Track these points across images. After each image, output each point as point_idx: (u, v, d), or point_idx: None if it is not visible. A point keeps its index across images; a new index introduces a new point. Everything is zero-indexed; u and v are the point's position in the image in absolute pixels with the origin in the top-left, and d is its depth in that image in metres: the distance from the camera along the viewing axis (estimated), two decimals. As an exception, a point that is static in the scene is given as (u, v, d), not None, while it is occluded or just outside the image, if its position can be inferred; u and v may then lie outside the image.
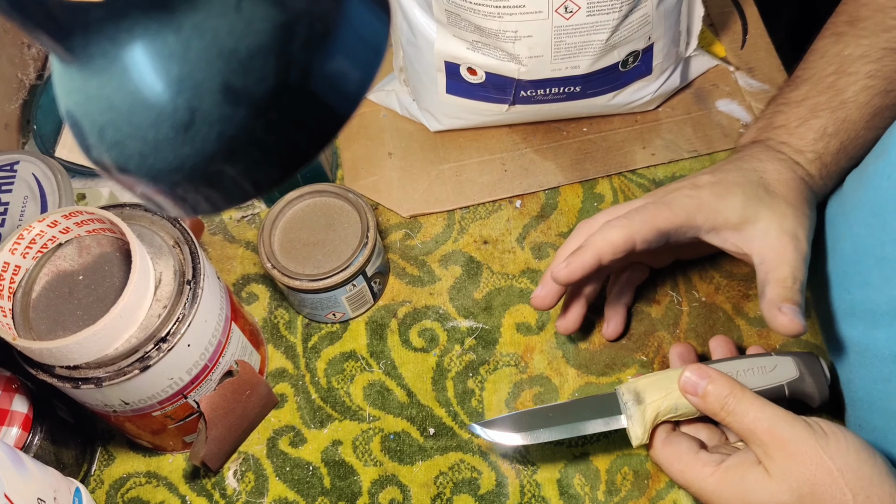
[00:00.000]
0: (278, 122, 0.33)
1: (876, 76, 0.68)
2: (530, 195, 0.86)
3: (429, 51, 0.81)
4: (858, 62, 0.69)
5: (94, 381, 0.61)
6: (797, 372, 0.66)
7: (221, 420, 0.71)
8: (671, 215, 0.66)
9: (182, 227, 0.68)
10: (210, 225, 0.87)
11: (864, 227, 0.64)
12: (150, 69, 0.32)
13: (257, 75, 0.32)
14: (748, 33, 0.94)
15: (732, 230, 0.66)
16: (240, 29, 0.31)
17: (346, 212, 0.77)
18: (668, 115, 0.89)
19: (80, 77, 0.33)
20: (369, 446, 0.76)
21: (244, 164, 0.34)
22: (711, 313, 0.79)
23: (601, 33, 0.76)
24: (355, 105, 0.35)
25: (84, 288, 0.65)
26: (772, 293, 0.63)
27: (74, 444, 0.74)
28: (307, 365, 0.80)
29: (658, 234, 0.66)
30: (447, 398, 0.77)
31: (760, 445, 0.59)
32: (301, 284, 0.74)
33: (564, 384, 0.77)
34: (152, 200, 0.36)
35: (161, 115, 0.32)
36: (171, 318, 0.63)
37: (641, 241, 0.66)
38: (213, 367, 0.68)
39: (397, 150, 0.90)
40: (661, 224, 0.66)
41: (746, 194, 0.66)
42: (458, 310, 0.81)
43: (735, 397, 0.61)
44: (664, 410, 0.64)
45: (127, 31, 0.31)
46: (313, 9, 0.32)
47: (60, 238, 0.66)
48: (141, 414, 0.67)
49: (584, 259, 0.66)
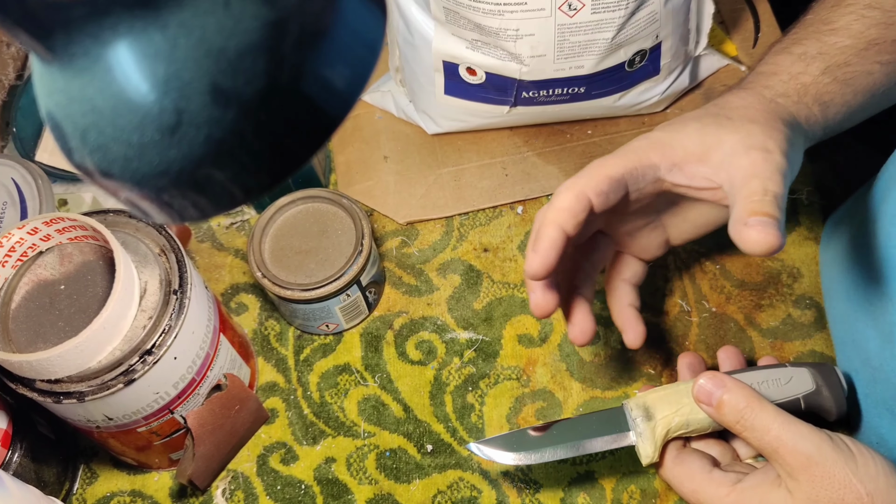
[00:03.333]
0: (269, 124, 0.33)
1: (874, 6, 0.66)
2: (532, 201, 0.86)
3: (426, 50, 0.81)
4: None
5: (77, 395, 0.61)
6: (813, 384, 0.65)
7: (209, 436, 0.71)
8: (619, 160, 0.61)
9: (168, 235, 0.68)
10: (197, 232, 0.87)
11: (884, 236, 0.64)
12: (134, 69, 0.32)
13: (247, 75, 0.32)
14: (760, 31, 0.94)
15: (697, 162, 0.60)
16: (229, 27, 0.31)
17: (340, 218, 0.78)
18: (677, 117, 0.90)
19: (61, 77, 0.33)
20: (364, 464, 0.76)
21: (233, 168, 0.34)
22: (722, 324, 0.79)
23: (606, 31, 0.76)
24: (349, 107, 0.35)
25: (66, 298, 0.65)
26: (738, 211, 0.56)
27: (56, 461, 0.74)
28: (299, 378, 0.80)
29: (610, 181, 0.60)
30: (445, 413, 0.77)
31: (783, 465, 0.58)
32: (293, 294, 0.74)
33: (568, 399, 0.77)
34: (137, 206, 0.36)
35: (146, 117, 0.32)
36: (157, 329, 0.63)
37: (595, 193, 0.60)
38: (200, 380, 0.68)
39: (393, 154, 0.90)
40: (610, 171, 0.60)
41: (702, 122, 0.61)
42: (457, 321, 0.81)
43: (753, 410, 0.59)
44: (675, 427, 0.64)
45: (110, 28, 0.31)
46: (305, 6, 0.32)
47: (41, 246, 0.66)
48: (125, 430, 0.67)
49: (547, 237, 0.60)
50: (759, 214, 0.55)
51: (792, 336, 0.78)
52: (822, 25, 0.66)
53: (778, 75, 0.64)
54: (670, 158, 0.61)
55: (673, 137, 0.62)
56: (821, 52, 0.65)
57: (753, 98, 0.63)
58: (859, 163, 0.84)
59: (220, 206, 0.36)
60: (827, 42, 0.65)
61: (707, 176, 0.60)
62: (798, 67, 0.64)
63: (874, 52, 0.65)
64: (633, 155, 0.61)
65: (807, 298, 0.79)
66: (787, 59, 0.65)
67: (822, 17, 0.67)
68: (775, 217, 0.55)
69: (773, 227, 0.54)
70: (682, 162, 0.61)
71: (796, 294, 0.80)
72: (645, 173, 0.61)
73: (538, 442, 0.67)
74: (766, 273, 0.81)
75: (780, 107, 0.62)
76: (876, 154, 0.72)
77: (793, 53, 0.65)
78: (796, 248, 0.82)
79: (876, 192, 0.69)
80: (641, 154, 0.61)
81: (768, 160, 0.58)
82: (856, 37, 0.65)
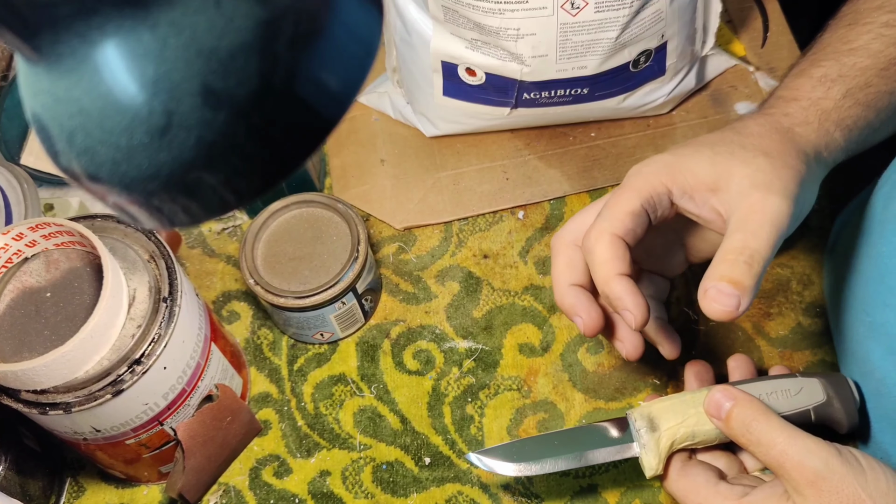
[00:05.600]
0: (262, 126, 0.33)
1: (892, 24, 0.66)
2: (534, 205, 0.86)
3: (424, 50, 0.81)
4: (875, 13, 0.67)
5: (63, 406, 0.61)
6: (824, 395, 0.65)
7: (200, 449, 0.71)
8: (633, 193, 0.62)
9: (158, 241, 0.68)
10: (188, 238, 0.87)
11: (887, 245, 0.64)
12: (123, 69, 0.32)
13: (239, 76, 0.32)
14: (769, 30, 0.94)
15: (706, 191, 0.61)
16: (220, 26, 0.31)
17: (335, 223, 0.78)
18: (683, 119, 0.90)
19: (47, 78, 0.33)
20: (360, 477, 0.76)
21: (225, 171, 0.34)
22: (729, 333, 0.79)
23: (610, 31, 0.76)
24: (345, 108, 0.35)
25: (52, 306, 0.65)
26: (709, 269, 0.58)
27: (41, 474, 0.74)
28: (293, 389, 0.80)
29: (632, 217, 0.61)
30: (444, 425, 0.77)
31: (789, 480, 0.58)
32: (286, 302, 0.74)
33: (571, 410, 0.77)
34: (125, 211, 0.36)
35: (135, 120, 0.32)
36: (146, 338, 0.63)
37: (624, 233, 0.61)
38: (191, 391, 0.68)
39: (390, 157, 0.90)
40: (627, 207, 0.61)
41: (715, 150, 0.62)
42: (456, 329, 0.81)
43: (759, 423, 0.59)
44: (680, 438, 0.64)
45: (98, 28, 0.31)
46: (300, 5, 0.32)
47: (26, 252, 0.66)
48: (113, 442, 0.67)
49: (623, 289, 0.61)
50: (724, 280, 0.57)
51: (801, 345, 0.78)
52: (840, 45, 0.67)
53: (798, 101, 0.65)
54: (681, 185, 0.62)
55: (685, 163, 0.62)
56: (841, 74, 0.65)
57: (771, 126, 0.63)
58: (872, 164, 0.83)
59: (211, 210, 0.36)
60: (846, 63, 0.65)
61: (715, 207, 0.61)
62: (819, 92, 0.65)
63: (893, 71, 0.66)
64: (645, 184, 0.62)
65: (817, 307, 0.79)
66: (807, 83, 0.66)
67: (839, 36, 0.68)
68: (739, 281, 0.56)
69: (728, 296, 0.56)
70: (692, 190, 0.62)
71: (806, 302, 0.80)
72: (661, 200, 0.62)
73: (539, 452, 0.67)
74: (775, 280, 0.81)
75: (798, 136, 0.63)
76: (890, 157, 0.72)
77: (812, 77, 0.66)
78: (806, 254, 0.82)
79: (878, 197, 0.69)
80: (653, 180, 0.62)
81: (766, 207, 0.58)
82: (875, 56, 0.65)
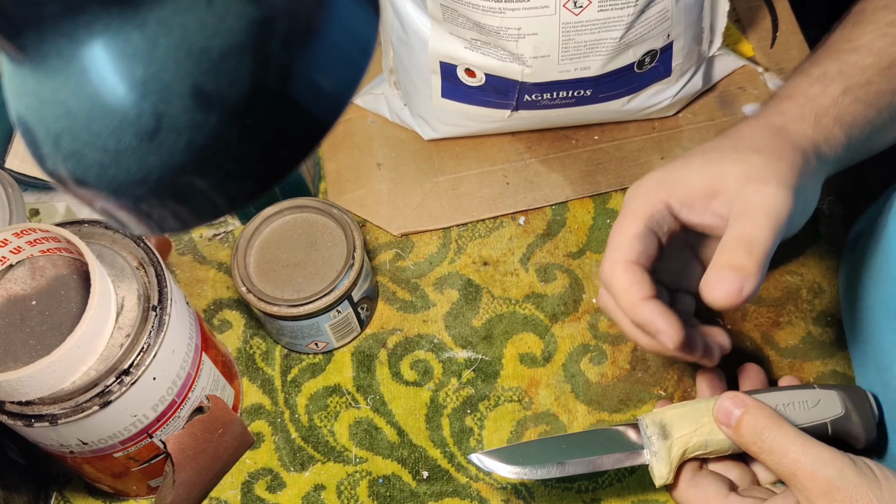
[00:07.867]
0: (254, 128, 0.33)
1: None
2: (535, 211, 0.87)
3: (422, 50, 0.81)
4: (880, 13, 0.68)
5: (49, 418, 0.61)
6: (842, 408, 0.65)
7: (191, 462, 0.71)
8: (633, 217, 0.63)
9: (147, 247, 0.68)
10: (178, 244, 0.87)
11: None
12: (111, 70, 0.32)
13: (231, 77, 0.32)
14: (778, 30, 0.94)
15: (705, 198, 0.62)
16: (212, 26, 0.31)
17: (330, 229, 0.78)
18: (690, 122, 0.90)
19: (33, 79, 0.33)
20: (355, 491, 0.75)
21: (216, 175, 0.34)
22: (738, 342, 0.79)
23: (614, 30, 0.77)
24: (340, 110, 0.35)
25: (38, 314, 0.65)
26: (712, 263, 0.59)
27: (26, 488, 0.74)
28: (286, 400, 0.80)
29: (639, 239, 0.62)
30: (442, 437, 0.77)
31: (802, 490, 0.58)
32: (279, 310, 0.74)
33: (573, 422, 0.77)
34: (114, 217, 0.36)
35: (123, 122, 0.32)
36: (135, 348, 0.63)
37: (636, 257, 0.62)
38: (181, 402, 0.68)
39: (387, 161, 0.90)
40: (631, 231, 0.62)
41: (706, 157, 0.63)
42: (455, 339, 0.81)
43: (771, 431, 0.59)
44: (693, 447, 0.63)
45: (85, 27, 0.31)
46: (294, 4, 0.32)
47: (11, 258, 0.66)
48: (101, 455, 0.67)
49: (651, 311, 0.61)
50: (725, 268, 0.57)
51: (812, 355, 0.78)
52: (842, 44, 0.67)
53: (793, 99, 0.65)
54: (678, 197, 0.62)
55: (678, 174, 0.63)
56: (840, 71, 0.66)
57: (763, 127, 0.64)
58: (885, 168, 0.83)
59: (202, 216, 0.36)
60: (847, 61, 0.66)
61: (716, 211, 0.61)
62: (815, 89, 0.65)
63: None
64: (643, 204, 0.62)
65: (828, 315, 0.79)
66: (804, 81, 0.66)
67: (843, 36, 0.68)
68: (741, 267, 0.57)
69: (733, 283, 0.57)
70: (690, 200, 0.62)
71: (817, 311, 0.80)
72: (662, 216, 0.63)
73: (544, 456, 0.66)
74: (784, 288, 0.81)
75: (793, 133, 0.63)
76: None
77: (811, 75, 0.66)
78: (817, 261, 0.82)
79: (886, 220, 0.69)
80: (650, 199, 0.62)
81: (761, 197, 0.59)
82: (877, 55, 0.66)
